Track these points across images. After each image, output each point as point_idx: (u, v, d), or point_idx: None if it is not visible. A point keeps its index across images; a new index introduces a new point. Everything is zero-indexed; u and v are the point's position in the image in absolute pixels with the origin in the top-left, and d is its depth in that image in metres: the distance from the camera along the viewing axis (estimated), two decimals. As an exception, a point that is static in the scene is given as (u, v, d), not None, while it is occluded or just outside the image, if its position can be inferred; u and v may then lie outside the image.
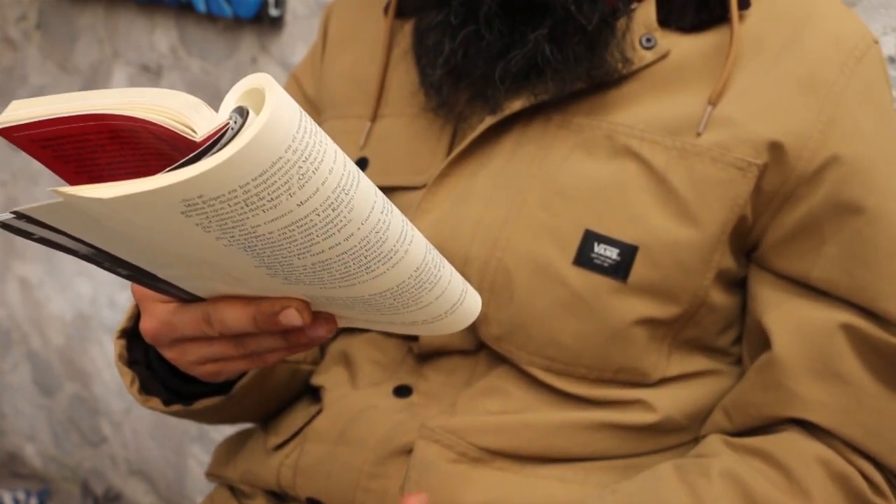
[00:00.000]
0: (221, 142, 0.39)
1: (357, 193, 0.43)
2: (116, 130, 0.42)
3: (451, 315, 0.55)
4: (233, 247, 0.44)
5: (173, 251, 0.46)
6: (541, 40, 0.72)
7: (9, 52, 2.06)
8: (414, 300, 0.51)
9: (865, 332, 0.70)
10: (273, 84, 0.39)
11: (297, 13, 1.51)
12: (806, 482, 0.68)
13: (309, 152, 0.40)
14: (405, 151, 0.81)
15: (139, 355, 0.76)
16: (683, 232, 0.71)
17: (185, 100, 0.41)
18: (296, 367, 0.83)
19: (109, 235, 0.44)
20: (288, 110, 0.39)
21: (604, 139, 0.73)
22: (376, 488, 0.74)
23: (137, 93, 0.42)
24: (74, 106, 0.42)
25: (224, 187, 0.39)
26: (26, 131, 0.43)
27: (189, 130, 0.41)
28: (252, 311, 0.53)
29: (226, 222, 0.41)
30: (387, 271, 0.47)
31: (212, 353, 0.58)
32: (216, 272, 0.49)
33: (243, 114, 0.40)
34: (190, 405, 0.75)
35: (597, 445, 0.74)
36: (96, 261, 0.48)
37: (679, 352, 0.76)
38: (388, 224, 0.45)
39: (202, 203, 0.39)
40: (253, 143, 0.37)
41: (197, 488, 1.91)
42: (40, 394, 2.22)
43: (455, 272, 0.53)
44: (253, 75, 0.41)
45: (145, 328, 0.60)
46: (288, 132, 0.38)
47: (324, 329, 0.56)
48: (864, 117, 0.72)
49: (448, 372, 0.78)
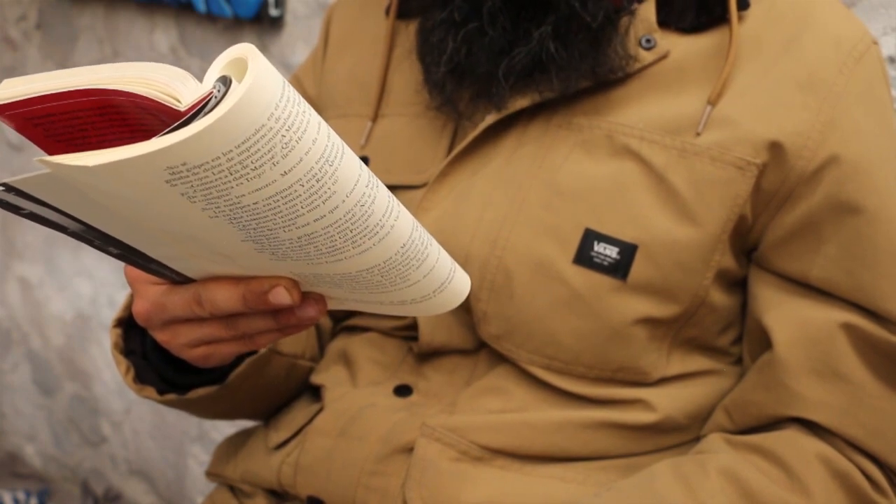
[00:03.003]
0: (205, 110, 0.39)
1: (341, 165, 0.43)
2: (105, 106, 0.42)
3: (440, 294, 0.55)
4: (219, 218, 0.44)
5: (161, 226, 0.46)
6: (545, 37, 0.72)
7: (9, 52, 2.06)
8: (402, 277, 0.51)
9: (866, 331, 0.70)
10: (256, 53, 0.39)
11: (297, 13, 1.52)
12: (806, 479, 0.68)
13: (292, 121, 0.40)
14: (406, 151, 0.81)
15: (135, 345, 0.76)
16: (683, 231, 0.71)
17: (171, 72, 0.42)
18: (293, 362, 0.84)
19: (98, 210, 0.45)
20: (270, 79, 0.39)
21: (604, 139, 0.74)
22: (377, 486, 0.74)
23: (124, 67, 0.42)
24: (64, 83, 0.42)
25: (208, 154, 0.39)
26: (17, 109, 0.43)
27: (175, 101, 0.41)
28: (241, 291, 0.53)
29: (210, 192, 0.41)
30: (373, 246, 0.48)
31: (203, 335, 0.59)
32: (205, 249, 0.49)
33: (227, 83, 0.40)
34: (184, 395, 0.75)
35: (597, 444, 0.74)
36: (86, 238, 0.48)
37: (679, 351, 0.76)
38: (373, 198, 0.45)
39: (186, 171, 0.40)
40: (235, 110, 0.38)
41: (197, 488, 1.91)
42: (40, 394, 2.22)
43: (443, 251, 0.54)
44: (237, 45, 0.41)
45: (137, 310, 0.60)
46: (270, 101, 0.39)
47: (313, 309, 0.56)
48: (864, 117, 0.73)
49: (448, 371, 0.78)
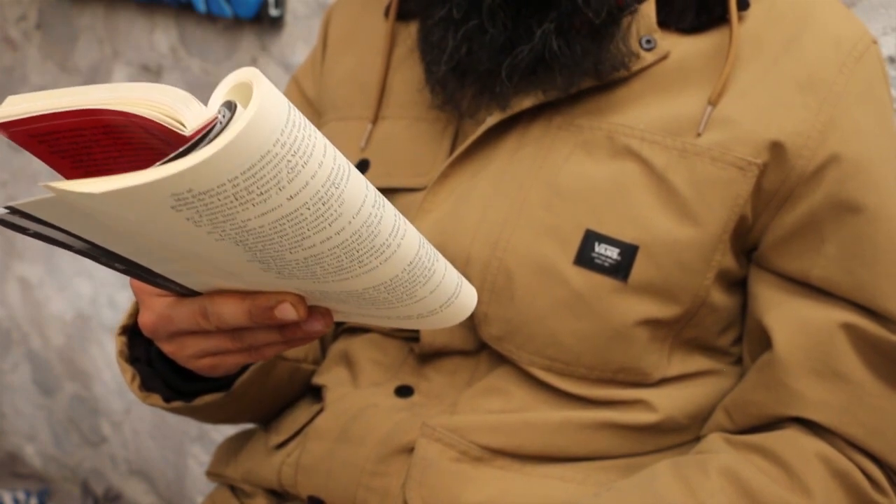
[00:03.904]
0: (210, 136, 0.39)
1: (348, 187, 0.43)
2: (109, 125, 0.42)
3: (447, 309, 0.55)
4: (224, 241, 0.44)
5: (167, 246, 0.46)
6: (548, 34, 0.71)
7: (9, 52, 2.06)
8: (408, 294, 0.51)
9: (866, 330, 0.70)
10: (261, 78, 0.39)
11: (297, 13, 1.52)
12: (806, 478, 0.68)
13: (298, 146, 0.40)
14: (406, 153, 0.81)
15: (140, 352, 0.76)
16: (684, 232, 0.71)
17: (175, 94, 0.41)
18: (296, 366, 0.84)
19: (103, 230, 0.45)
20: (276, 104, 0.39)
21: (604, 140, 0.73)
22: (377, 486, 0.74)
23: (128, 87, 0.42)
24: (68, 101, 0.42)
25: (213, 181, 0.39)
26: (22, 126, 0.43)
27: (179, 125, 0.41)
28: (247, 306, 0.53)
29: (216, 216, 0.41)
30: (379, 265, 0.47)
31: (209, 347, 0.59)
32: (210, 266, 0.49)
33: (232, 108, 0.40)
34: (191, 402, 0.75)
35: (597, 445, 0.74)
36: (92, 255, 0.48)
37: (680, 352, 0.76)
38: (379, 218, 0.45)
39: (192, 197, 0.39)
40: (241, 137, 0.37)
41: (197, 488, 1.91)
42: (40, 394, 2.22)
43: (450, 266, 0.54)
44: (241, 69, 0.41)
45: (144, 322, 0.60)
46: (276, 126, 0.38)
47: (320, 323, 0.56)
48: (864, 117, 0.73)
49: (449, 372, 0.78)
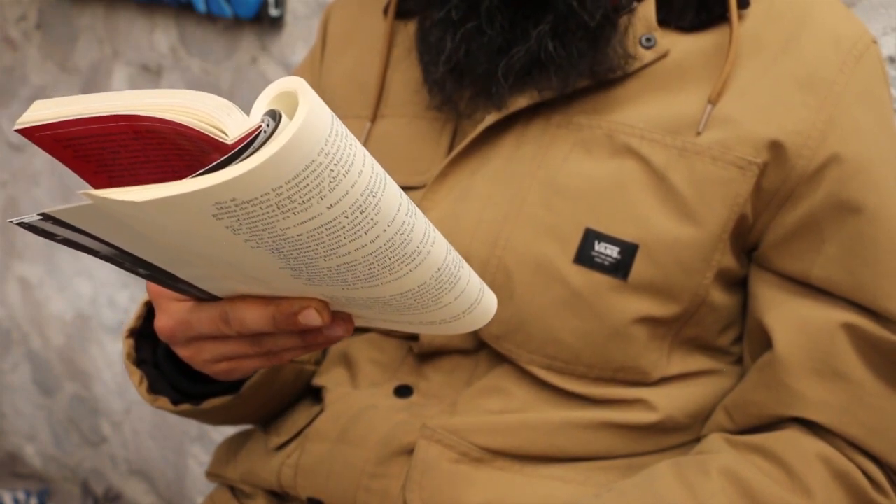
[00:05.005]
0: (254, 145, 0.39)
1: (384, 196, 0.43)
2: (141, 131, 0.42)
3: (469, 315, 0.55)
4: (260, 249, 0.44)
5: (198, 252, 0.46)
6: (543, 36, 0.72)
7: (9, 52, 2.06)
8: (434, 300, 0.52)
9: (866, 330, 0.70)
10: (306, 87, 0.39)
11: (297, 13, 1.51)
12: (807, 479, 0.68)
13: (340, 155, 0.40)
14: (405, 151, 0.81)
15: (147, 355, 0.76)
16: (684, 231, 0.71)
17: (215, 102, 0.41)
18: (301, 367, 0.83)
19: (134, 237, 0.45)
20: (321, 114, 0.39)
21: (604, 138, 0.73)
22: (377, 488, 0.74)
23: (170, 94, 0.42)
24: (103, 106, 0.42)
25: (257, 190, 0.39)
26: (50, 131, 0.42)
27: (219, 132, 0.41)
28: (271, 311, 0.53)
29: (256, 225, 0.41)
30: (410, 272, 0.48)
31: (227, 352, 0.58)
32: (238, 273, 0.49)
33: (276, 117, 0.40)
34: (199, 405, 0.75)
35: (598, 445, 0.74)
36: (117, 261, 0.49)
37: (679, 351, 0.76)
38: (412, 226, 0.46)
39: (234, 206, 0.40)
40: (288, 147, 0.38)
41: (197, 488, 1.91)
42: (40, 394, 2.22)
43: (473, 272, 0.54)
44: (285, 78, 0.41)
45: (161, 326, 0.59)
46: (321, 136, 0.39)
47: (341, 329, 0.56)
48: (864, 116, 0.72)
49: (448, 372, 0.78)
